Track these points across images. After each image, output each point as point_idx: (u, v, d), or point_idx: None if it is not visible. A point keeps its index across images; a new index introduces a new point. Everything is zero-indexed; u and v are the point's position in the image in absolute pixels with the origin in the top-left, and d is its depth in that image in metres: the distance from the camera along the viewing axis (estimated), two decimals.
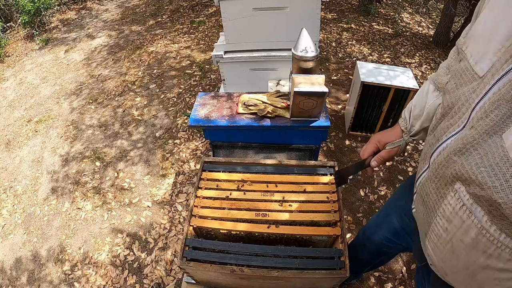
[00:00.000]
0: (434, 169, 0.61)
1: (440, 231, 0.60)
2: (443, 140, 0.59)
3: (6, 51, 4.43)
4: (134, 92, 3.23)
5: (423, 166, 0.69)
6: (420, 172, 0.70)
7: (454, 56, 0.76)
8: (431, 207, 0.63)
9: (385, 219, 1.10)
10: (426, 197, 0.64)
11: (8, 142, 2.89)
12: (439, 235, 0.61)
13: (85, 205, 2.23)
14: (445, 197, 0.57)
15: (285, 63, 1.84)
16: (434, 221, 0.61)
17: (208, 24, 4.40)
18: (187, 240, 1.01)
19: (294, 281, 0.99)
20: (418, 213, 0.72)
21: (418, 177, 0.71)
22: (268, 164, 1.20)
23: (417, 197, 0.71)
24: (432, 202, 0.62)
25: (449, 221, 0.57)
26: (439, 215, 0.60)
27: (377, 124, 2.37)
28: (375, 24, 4.17)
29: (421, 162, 0.71)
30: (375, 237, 1.16)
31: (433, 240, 0.64)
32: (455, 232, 0.56)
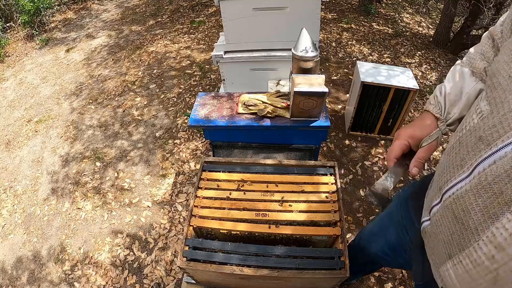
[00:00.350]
0: (485, 181, 0.48)
1: (482, 259, 0.48)
2: (502, 145, 0.46)
3: (6, 51, 4.43)
4: (134, 92, 3.23)
5: (458, 172, 0.56)
6: (453, 180, 0.56)
7: (489, 43, 0.70)
8: (470, 228, 0.51)
9: (381, 232, 1.05)
10: (463, 214, 0.52)
11: (8, 142, 2.88)
12: (478, 263, 0.49)
13: (85, 205, 2.23)
14: (498, 219, 0.46)
15: (285, 63, 1.84)
16: (473, 246, 0.50)
17: (208, 24, 4.40)
18: (187, 240, 1.01)
19: (294, 281, 0.99)
20: (440, 231, 0.60)
21: (448, 186, 0.58)
22: (268, 164, 1.20)
23: (443, 211, 0.59)
24: (473, 222, 0.50)
25: (501, 249, 0.45)
26: (484, 239, 0.48)
27: (377, 124, 2.37)
28: (375, 24, 4.17)
29: (452, 167, 0.58)
30: (370, 248, 1.12)
31: (464, 266, 0.53)
32: (506, 262, 0.45)
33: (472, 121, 0.56)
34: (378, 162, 2.30)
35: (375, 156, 2.34)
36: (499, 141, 0.47)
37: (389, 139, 2.45)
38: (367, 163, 2.30)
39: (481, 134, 0.52)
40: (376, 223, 1.13)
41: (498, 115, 0.50)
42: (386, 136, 2.45)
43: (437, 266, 0.62)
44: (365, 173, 2.24)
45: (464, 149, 0.56)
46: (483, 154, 0.49)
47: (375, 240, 1.09)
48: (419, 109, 2.76)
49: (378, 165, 2.29)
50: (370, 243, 1.13)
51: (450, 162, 0.59)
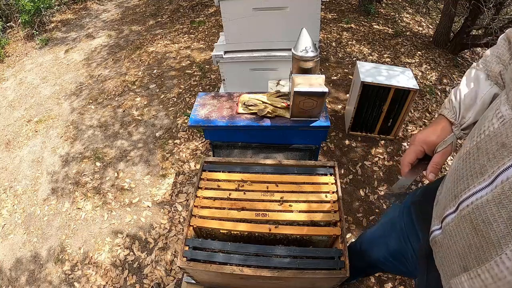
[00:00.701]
0: (509, 190, 0.45)
1: (504, 273, 0.46)
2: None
3: (6, 51, 4.43)
4: (134, 92, 3.23)
5: (477, 180, 0.52)
6: (472, 188, 0.53)
7: (505, 46, 0.68)
8: (491, 241, 0.48)
9: (382, 239, 1.04)
10: (483, 225, 0.49)
11: (8, 142, 2.88)
12: (499, 278, 0.47)
13: (85, 205, 2.23)
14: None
15: (285, 63, 1.84)
16: (494, 260, 0.47)
17: (208, 24, 4.40)
18: (187, 240, 1.01)
19: (294, 281, 0.99)
20: (455, 242, 0.57)
21: (466, 195, 0.54)
22: (268, 164, 1.20)
23: (460, 221, 0.55)
24: (495, 235, 0.47)
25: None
26: (507, 253, 0.45)
27: (377, 124, 2.37)
28: (375, 24, 4.16)
29: (469, 174, 0.55)
30: (372, 254, 1.11)
31: (482, 281, 0.50)
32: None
33: (492, 126, 0.53)
34: (378, 162, 2.30)
35: (375, 156, 2.34)
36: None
37: (389, 139, 2.45)
38: (367, 163, 2.30)
39: (504, 140, 0.48)
40: (378, 228, 1.11)
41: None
42: (386, 136, 2.45)
43: (448, 277, 0.59)
44: (365, 173, 2.24)
45: (484, 155, 0.52)
46: (506, 162, 0.46)
47: (377, 246, 1.08)
48: (419, 109, 2.76)
49: (378, 165, 2.29)
50: (372, 248, 1.12)
51: (468, 169, 0.55)
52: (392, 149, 2.39)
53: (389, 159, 2.32)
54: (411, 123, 2.61)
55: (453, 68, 3.33)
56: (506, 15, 3.46)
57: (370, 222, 1.96)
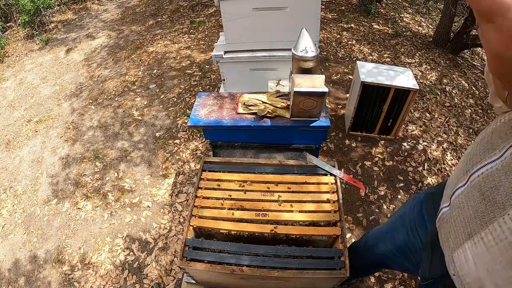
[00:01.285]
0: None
1: (506, 234, 0.49)
2: None
3: (6, 51, 4.43)
4: (134, 92, 3.23)
5: (489, 154, 0.56)
6: (483, 161, 0.57)
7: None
8: (497, 203, 0.51)
9: (390, 233, 1.06)
10: (490, 191, 0.53)
11: (8, 142, 2.88)
12: (501, 238, 0.50)
13: (85, 205, 2.23)
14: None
15: (285, 63, 1.84)
16: (498, 220, 0.51)
17: (208, 24, 4.40)
18: (187, 240, 1.01)
19: (294, 281, 0.99)
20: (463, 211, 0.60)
21: (477, 167, 0.58)
22: (268, 164, 1.20)
23: (469, 191, 0.59)
24: (500, 198, 0.51)
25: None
26: (510, 213, 0.49)
27: (377, 124, 2.37)
28: (375, 24, 4.16)
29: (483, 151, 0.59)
30: (377, 249, 1.13)
31: (485, 244, 0.53)
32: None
33: (508, 116, 0.57)
34: (378, 162, 2.30)
35: (375, 156, 2.34)
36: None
37: (389, 139, 2.45)
38: (367, 163, 2.30)
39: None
40: (386, 224, 1.13)
41: None
42: (386, 136, 2.45)
43: (452, 251, 0.62)
44: (365, 173, 2.24)
45: (497, 135, 0.57)
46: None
47: (383, 241, 1.09)
48: (419, 109, 2.76)
49: (378, 165, 2.29)
50: (378, 244, 1.13)
51: (481, 148, 0.60)
52: (392, 149, 2.39)
53: (389, 159, 2.32)
54: (411, 123, 2.61)
55: (453, 68, 3.33)
56: None
57: (370, 222, 1.96)
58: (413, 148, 2.40)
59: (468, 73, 3.27)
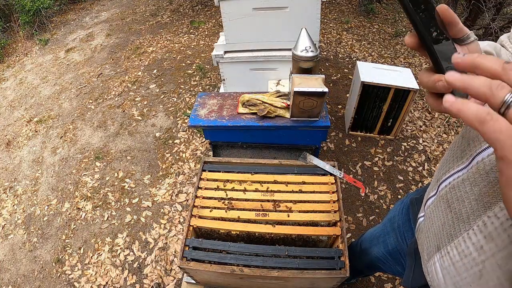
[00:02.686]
0: (483, 169, 0.47)
1: (470, 249, 0.47)
2: None
3: (6, 51, 4.43)
4: (134, 92, 3.23)
5: (457, 163, 0.55)
6: (451, 170, 0.56)
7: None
8: (462, 217, 0.49)
9: (382, 237, 1.06)
10: (456, 202, 0.51)
11: (8, 142, 2.88)
12: (465, 254, 0.48)
13: (85, 205, 2.23)
14: (491, 208, 0.45)
15: (285, 63, 1.84)
16: (463, 235, 0.49)
17: (208, 24, 4.40)
18: (187, 240, 1.01)
19: (294, 281, 0.99)
20: (432, 222, 0.58)
21: (446, 176, 0.57)
22: (268, 164, 1.20)
23: (438, 201, 0.58)
24: (465, 211, 0.49)
25: (490, 239, 0.44)
26: (474, 228, 0.46)
27: (377, 124, 2.37)
28: (375, 24, 4.16)
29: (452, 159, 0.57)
30: (370, 251, 1.13)
31: (450, 258, 0.51)
32: (493, 253, 0.43)
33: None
34: (378, 162, 2.30)
35: (375, 156, 2.34)
36: None
37: (389, 139, 2.45)
38: (367, 163, 2.30)
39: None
40: (378, 227, 1.13)
41: None
42: (386, 136, 2.45)
43: (425, 262, 0.60)
44: (365, 173, 2.24)
45: (466, 142, 0.55)
46: (483, 145, 0.49)
47: (376, 244, 1.09)
48: (419, 109, 2.76)
49: (378, 165, 2.29)
50: (371, 246, 1.13)
51: (451, 155, 0.59)
52: (392, 149, 2.39)
53: (389, 159, 2.32)
54: (411, 123, 2.61)
55: None
56: (506, 15, 3.46)
57: (370, 222, 1.96)
58: (413, 148, 2.40)
59: None
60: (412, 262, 0.75)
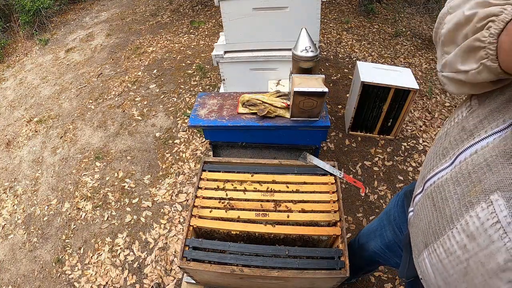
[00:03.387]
0: (465, 169, 0.48)
1: (454, 247, 0.48)
2: (485, 136, 0.47)
3: (6, 51, 4.42)
4: (134, 92, 3.23)
5: (440, 161, 0.56)
6: (435, 169, 0.57)
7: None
8: (446, 216, 0.51)
9: (378, 231, 1.07)
10: (441, 202, 0.53)
11: (8, 142, 2.88)
12: (450, 252, 0.49)
13: (85, 205, 2.23)
14: (472, 208, 0.45)
15: (285, 63, 1.84)
16: (447, 234, 0.50)
17: (208, 24, 4.40)
18: (187, 240, 1.01)
19: (294, 281, 0.99)
20: (420, 220, 0.60)
21: (430, 175, 0.58)
22: (268, 164, 1.20)
23: (424, 199, 0.59)
24: (449, 210, 0.50)
25: (472, 239, 0.45)
26: (457, 227, 0.48)
27: (377, 124, 2.37)
28: (375, 24, 4.16)
29: (436, 157, 0.58)
30: (368, 246, 1.14)
31: (438, 255, 0.53)
32: (476, 252, 0.45)
33: (461, 114, 0.57)
34: (378, 162, 2.30)
35: (375, 156, 2.34)
36: (482, 131, 0.48)
37: (389, 139, 2.45)
38: (367, 163, 2.30)
39: (465, 125, 0.53)
40: (375, 221, 1.14)
41: (485, 109, 0.50)
42: (386, 136, 2.45)
43: (416, 257, 0.62)
44: (365, 173, 2.24)
45: (448, 139, 0.57)
46: (465, 144, 0.50)
47: (374, 238, 1.10)
48: (419, 109, 2.76)
49: (378, 165, 2.29)
50: (369, 241, 1.14)
51: (434, 153, 0.60)
52: (392, 149, 2.39)
53: (389, 159, 2.32)
54: (411, 123, 2.61)
55: None
56: None
57: (370, 222, 1.96)
58: (413, 148, 2.40)
59: None
60: (407, 253, 0.76)
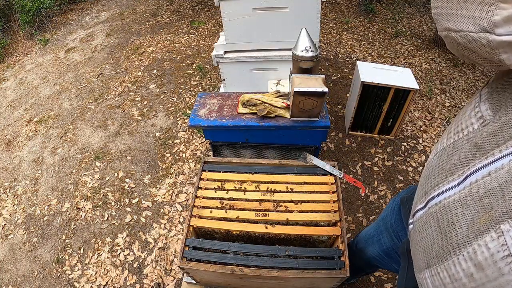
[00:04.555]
0: (476, 193, 0.43)
1: (460, 275, 0.45)
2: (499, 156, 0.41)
3: (6, 51, 4.43)
4: (134, 92, 3.23)
5: (447, 179, 0.50)
6: (441, 186, 0.52)
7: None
8: (452, 240, 0.46)
9: (376, 237, 1.06)
10: (447, 224, 0.48)
11: (8, 142, 2.88)
12: (455, 278, 0.46)
13: (85, 205, 2.23)
14: (482, 236, 0.41)
15: (285, 63, 1.84)
16: (453, 259, 0.46)
17: (208, 24, 4.40)
18: (187, 240, 1.01)
19: (294, 281, 0.99)
20: (422, 238, 0.56)
21: (436, 193, 0.53)
22: (268, 164, 1.20)
23: (427, 218, 0.54)
24: (456, 235, 0.46)
25: (480, 269, 0.41)
26: (464, 255, 0.44)
27: (377, 124, 2.37)
28: (375, 24, 4.16)
29: (441, 172, 0.53)
30: (366, 251, 1.13)
31: (441, 279, 0.49)
32: (483, 283, 0.41)
33: (472, 126, 0.51)
34: (378, 162, 2.30)
35: (375, 156, 2.34)
36: (497, 150, 0.42)
37: (389, 139, 2.45)
38: (367, 163, 2.30)
39: (477, 140, 0.47)
40: (372, 227, 1.13)
41: (499, 121, 0.44)
42: (386, 136, 2.45)
43: (417, 271, 0.59)
44: (365, 173, 2.24)
45: (457, 154, 0.51)
46: (477, 163, 0.45)
47: (371, 244, 1.09)
48: (419, 109, 2.76)
49: (378, 165, 2.29)
50: (366, 246, 1.13)
51: (440, 166, 0.54)
52: (392, 149, 2.39)
53: (389, 159, 2.32)
54: (411, 123, 2.61)
55: (453, 68, 3.33)
56: None
57: (370, 222, 1.96)
58: (413, 148, 2.40)
59: (468, 73, 3.27)
60: (405, 262, 0.74)
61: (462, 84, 3.11)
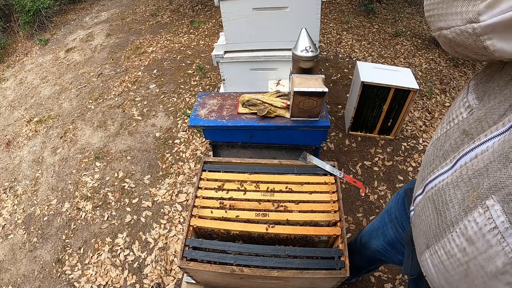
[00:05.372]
0: (465, 174, 0.48)
1: (455, 250, 0.49)
2: (485, 139, 0.46)
3: (6, 51, 4.43)
4: (134, 92, 3.23)
5: (441, 164, 0.56)
6: (436, 172, 0.57)
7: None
8: (446, 219, 0.51)
9: (380, 229, 1.07)
10: (442, 205, 0.53)
11: (8, 142, 2.88)
12: (451, 254, 0.50)
13: (85, 205, 2.23)
14: (471, 212, 0.46)
15: (285, 63, 1.84)
16: (448, 237, 0.51)
17: (208, 24, 4.40)
18: (187, 240, 1.01)
19: (294, 281, 0.99)
20: (421, 221, 0.60)
21: (431, 178, 0.58)
22: (268, 164, 1.20)
23: (425, 202, 0.59)
24: (449, 214, 0.50)
25: (471, 243, 0.46)
26: (457, 231, 0.48)
27: (377, 124, 2.37)
28: (375, 24, 4.16)
29: (436, 159, 0.58)
30: (370, 245, 1.14)
31: (439, 257, 0.53)
32: (475, 256, 0.46)
33: (461, 115, 0.56)
34: (378, 162, 2.30)
35: (375, 156, 2.34)
36: (482, 135, 0.47)
37: (389, 139, 2.45)
38: (367, 163, 2.30)
39: (465, 127, 0.52)
40: (376, 220, 1.14)
41: (483, 108, 0.49)
42: (386, 136, 2.45)
43: (419, 255, 0.63)
44: (365, 173, 2.24)
45: (449, 141, 0.56)
46: (465, 148, 0.50)
47: (376, 237, 1.10)
48: (419, 109, 2.76)
49: (378, 165, 2.29)
50: (371, 240, 1.14)
51: (435, 154, 0.59)
52: (392, 149, 2.39)
53: (389, 159, 2.32)
54: (411, 123, 2.61)
55: (453, 68, 3.33)
56: None
57: (370, 222, 1.96)
58: (413, 148, 2.40)
59: (468, 73, 3.27)
60: (410, 250, 0.77)
61: (462, 84, 3.11)
